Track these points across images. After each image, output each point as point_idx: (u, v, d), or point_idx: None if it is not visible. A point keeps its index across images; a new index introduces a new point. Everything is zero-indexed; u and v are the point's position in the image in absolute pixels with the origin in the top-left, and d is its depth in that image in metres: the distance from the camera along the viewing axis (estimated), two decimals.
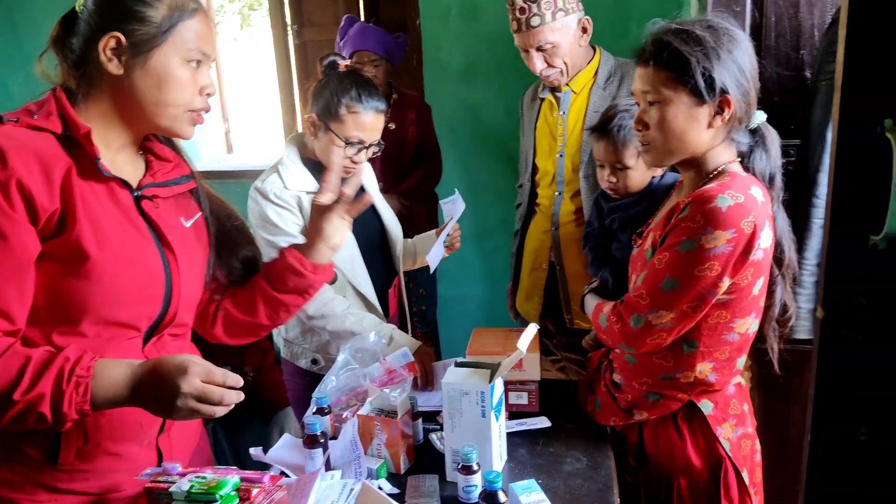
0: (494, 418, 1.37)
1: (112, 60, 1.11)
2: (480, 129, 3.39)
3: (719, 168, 1.34)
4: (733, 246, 1.25)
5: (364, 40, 2.83)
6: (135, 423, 1.20)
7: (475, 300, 3.60)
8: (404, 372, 1.62)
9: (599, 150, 1.64)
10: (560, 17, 1.94)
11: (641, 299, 1.33)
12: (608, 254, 1.68)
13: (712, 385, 1.39)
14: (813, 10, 1.85)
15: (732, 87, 1.27)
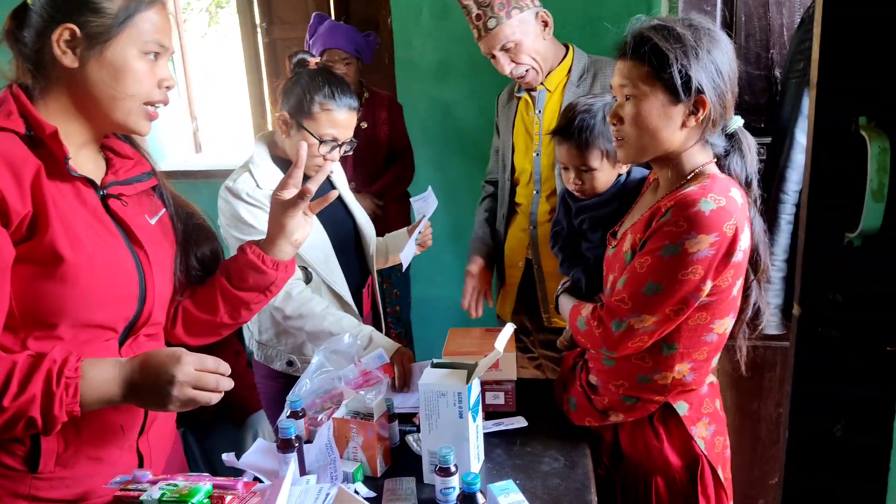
0: (472, 419, 1.36)
1: (66, 53, 1.08)
2: (453, 129, 3.38)
3: (696, 169, 1.34)
4: (716, 249, 1.25)
5: (334, 38, 2.80)
6: (115, 426, 1.18)
7: (449, 300, 3.58)
8: (379, 374, 1.60)
9: (562, 153, 1.62)
10: (515, 15, 1.95)
11: (623, 304, 1.33)
12: (578, 253, 1.67)
13: (689, 385, 1.40)
14: (782, 9, 1.87)
15: (709, 87, 1.27)
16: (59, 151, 1.08)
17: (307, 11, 3.57)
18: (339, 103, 1.74)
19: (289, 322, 1.78)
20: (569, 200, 1.68)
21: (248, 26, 3.67)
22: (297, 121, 1.76)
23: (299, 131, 1.76)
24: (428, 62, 3.31)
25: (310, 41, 2.87)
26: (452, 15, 3.22)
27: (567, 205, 1.69)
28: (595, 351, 1.46)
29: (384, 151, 2.99)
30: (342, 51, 2.80)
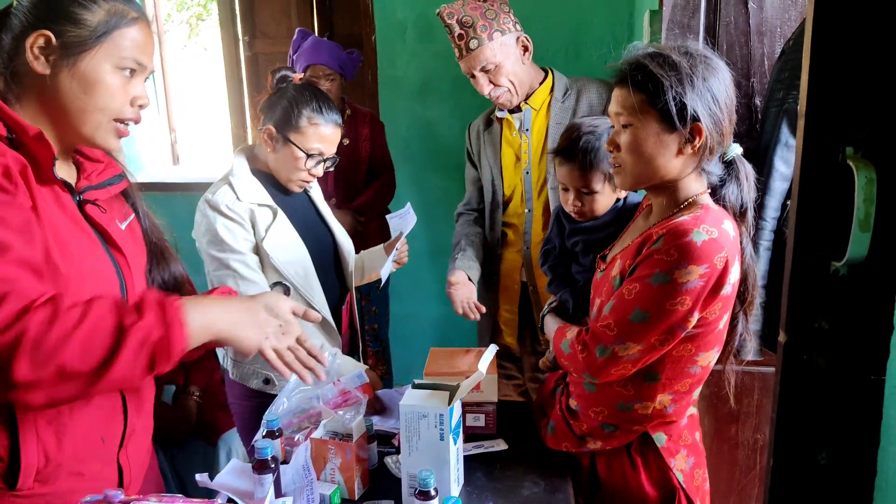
0: (453, 441, 1.34)
1: (39, 59, 1.07)
2: (435, 147, 3.39)
3: (690, 198, 1.33)
4: (705, 281, 1.24)
5: (319, 54, 2.80)
6: (96, 438, 1.15)
7: (428, 318, 3.57)
8: (359, 393, 1.58)
9: (563, 173, 1.60)
10: (497, 38, 1.98)
11: (608, 330, 1.31)
12: (568, 274, 1.66)
13: (669, 416, 1.39)
14: (763, 39, 1.91)
15: (705, 115, 1.26)
16: (46, 152, 1.06)
17: (290, 26, 3.57)
18: (326, 118, 1.74)
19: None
20: (563, 220, 1.66)
21: (230, 39, 3.65)
22: (283, 135, 1.75)
23: (286, 145, 1.75)
24: (411, 80, 3.31)
25: (293, 56, 2.86)
26: (436, 34, 3.23)
27: (561, 224, 1.67)
28: (577, 375, 1.45)
29: (365, 168, 2.99)
30: (326, 66, 2.79)
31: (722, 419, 1.97)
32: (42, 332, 0.92)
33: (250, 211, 1.75)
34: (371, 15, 3.26)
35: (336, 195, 2.90)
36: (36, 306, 0.93)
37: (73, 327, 0.94)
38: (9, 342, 0.90)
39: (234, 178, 1.78)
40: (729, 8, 1.92)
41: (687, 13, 1.94)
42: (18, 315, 0.92)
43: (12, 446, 1.07)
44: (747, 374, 1.90)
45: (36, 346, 0.91)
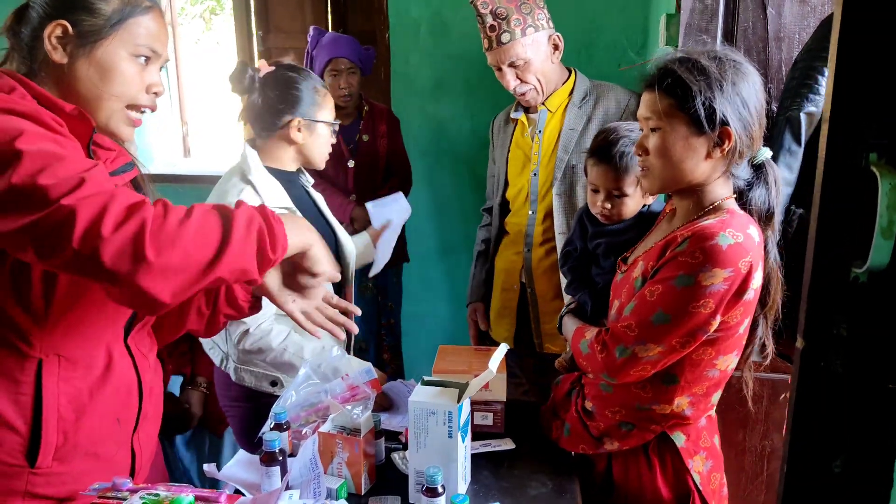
0: (461, 439, 1.34)
1: (56, 49, 1.10)
2: (446, 146, 3.39)
3: (716, 203, 1.33)
4: (728, 285, 1.24)
5: (339, 48, 2.79)
6: (112, 420, 1.18)
7: (437, 316, 3.57)
8: (367, 388, 1.58)
9: (597, 174, 1.60)
10: (530, 34, 1.95)
11: (629, 330, 1.31)
12: (588, 276, 1.65)
13: (687, 419, 1.38)
14: (781, 45, 1.90)
15: (734, 119, 1.26)
16: (83, 128, 1.08)
17: (304, 21, 3.57)
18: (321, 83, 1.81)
19: (250, 357, 1.76)
20: (586, 222, 1.66)
21: (243, 34, 3.65)
22: (311, 119, 1.77)
23: (315, 127, 1.79)
24: (423, 79, 3.32)
25: (312, 52, 2.85)
26: (450, 33, 3.24)
27: (583, 226, 1.67)
28: (595, 376, 1.44)
29: (383, 164, 2.99)
30: (348, 60, 2.79)
31: (730, 425, 1.96)
32: (160, 221, 0.95)
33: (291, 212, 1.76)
34: (385, 12, 3.27)
35: (356, 192, 2.90)
36: (146, 202, 0.96)
37: (185, 217, 0.97)
38: (135, 230, 0.92)
39: (254, 177, 1.75)
40: (747, 13, 1.91)
41: (705, 17, 1.94)
42: (132, 208, 0.94)
43: (34, 424, 1.09)
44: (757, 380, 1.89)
45: (158, 231, 0.94)
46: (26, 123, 0.97)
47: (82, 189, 0.92)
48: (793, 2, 1.93)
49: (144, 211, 0.94)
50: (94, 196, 0.92)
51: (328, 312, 1.32)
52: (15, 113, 0.98)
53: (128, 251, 0.92)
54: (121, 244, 0.91)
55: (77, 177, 0.93)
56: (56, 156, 0.95)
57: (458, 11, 3.19)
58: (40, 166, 0.93)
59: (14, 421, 1.08)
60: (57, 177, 0.93)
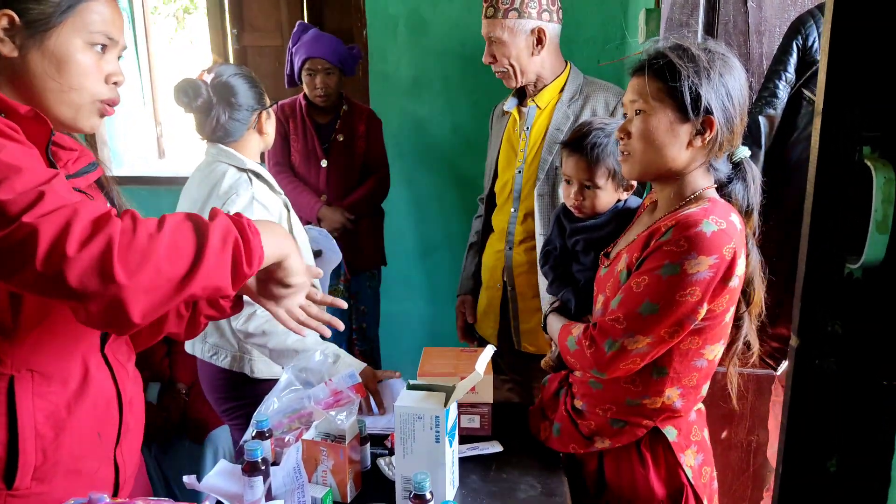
0: (448, 444, 1.31)
1: (5, 42, 1.03)
2: (426, 144, 3.36)
3: (697, 192, 1.34)
4: (714, 272, 1.24)
5: (318, 47, 2.75)
6: (93, 434, 1.13)
7: (417, 316, 3.55)
8: (351, 393, 1.54)
9: (570, 165, 1.60)
10: (511, 17, 1.92)
11: (617, 323, 1.30)
12: (569, 274, 1.64)
13: (678, 411, 1.38)
14: (762, 38, 1.90)
15: (717, 109, 1.27)
16: (40, 130, 1.03)
17: (279, 19, 3.52)
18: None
19: (251, 340, 1.73)
20: (563, 220, 1.66)
21: (218, 32, 3.59)
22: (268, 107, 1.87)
23: (270, 116, 1.88)
24: (402, 76, 3.28)
25: (292, 49, 2.81)
26: (429, 30, 3.20)
27: (561, 225, 1.66)
28: (584, 372, 1.43)
29: (359, 165, 2.94)
30: (325, 60, 2.74)
31: (715, 421, 1.96)
32: (128, 237, 0.90)
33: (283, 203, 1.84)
34: (362, 9, 3.23)
35: (328, 192, 2.86)
36: (112, 216, 0.91)
37: (156, 231, 0.92)
38: (101, 249, 0.88)
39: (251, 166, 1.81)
40: (728, 7, 1.91)
41: (686, 11, 1.93)
42: (98, 222, 0.89)
43: (10, 443, 1.04)
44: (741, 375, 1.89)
45: (126, 248, 0.89)
46: None
47: (43, 204, 0.88)
48: None
49: (111, 226, 0.89)
50: (56, 212, 0.88)
51: (312, 311, 1.28)
52: None
53: (95, 271, 0.87)
54: (87, 264, 0.87)
55: (36, 190, 0.89)
56: (12, 167, 0.89)
57: (436, 8, 3.16)
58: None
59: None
60: (15, 191, 0.88)
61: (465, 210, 3.35)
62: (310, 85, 2.79)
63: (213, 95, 1.78)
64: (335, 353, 1.71)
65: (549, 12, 1.96)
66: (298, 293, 1.24)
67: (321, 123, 2.89)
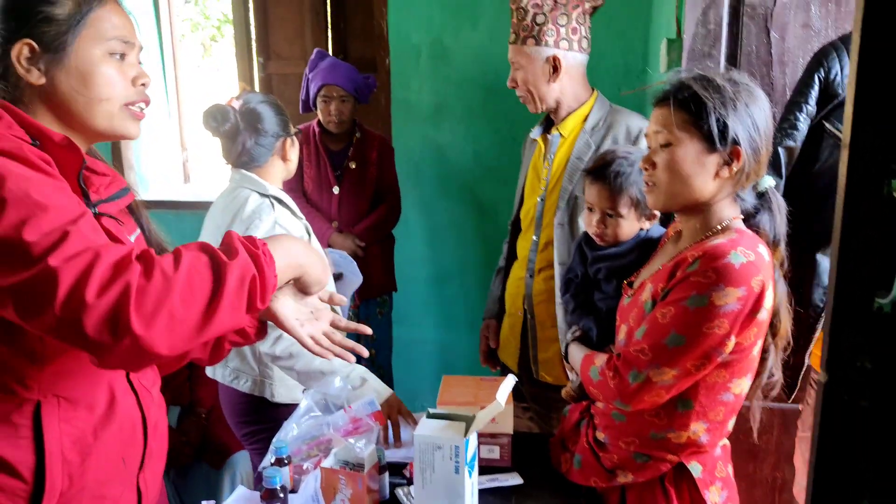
0: (468, 474, 1.30)
1: (31, 71, 1.05)
2: (446, 172, 3.37)
3: (724, 223, 1.32)
4: (742, 304, 1.23)
5: (335, 75, 2.79)
6: (118, 459, 1.13)
7: (433, 344, 3.54)
8: (370, 421, 1.54)
9: (592, 193, 1.60)
10: (530, 44, 1.94)
11: (642, 354, 1.28)
12: (590, 302, 1.63)
13: (703, 446, 1.35)
14: (785, 69, 1.89)
15: (744, 139, 1.27)
16: (72, 159, 1.05)
17: (304, 48, 3.58)
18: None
19: (278, 362, 1.73)
20: (585, 249, 1.65)
21: (244, 60, 3.66)
22: (293, 135, 1.90)
23: (294, 143, 1.90)
24: (424, 104, 3.31)
25: (309, 75, 2.86)
26: (451, 58, 3.24)
27: (583, 253, 1.65)
28: (607, 404, 1.41)
29: (371, 192, 2.97)
30: (341, 88, 2.79)
31: (740, 456, 1.92)
32: (143, 282, 0.90)
33: (304, 227, 1.87)
34: (386, 38, 3.27)
35: (339, 219, 2.88)
36: (132, 259, 0.92)
37: (173, 274, 0.92)
38: (117, 296, 0.88)
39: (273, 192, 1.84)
40: (751, 37, 1.91)
41: (708, 42, 1.93)
42: (117, 269, 0.90)
43: (38, 468, 1.04)
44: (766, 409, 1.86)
45: (143, 295, 0.89)
46: (10, 164, 0.94)
47: (66, 245, 0.89)
48: (796, 26, 1.92)
49: (130, 272, 0.90)
50: (79, 256, 0.89)
51: (335, 337, 1.28)
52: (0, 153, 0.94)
53: (111, 321, 0.88)
54: (104, 312, 0.87)
55: (61, 230, 0.90)
56: (39, 205, 0.91)
57: (458, 37, 3.20)
58: (24, 216, 0.89)
59: (17, 466, 1.03)
60: (40, 231, 0.89)
61: (484, 237, 3.36)
62: (324, 111, 2.83)
63: (240, 121, 1.82)
64: (362, 376, 1.70)
65: (569, 41, 1.95)
66: (322, 319, 1.24)
67: (334, 150, 2.93)
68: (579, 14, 1.94)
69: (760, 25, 1.94)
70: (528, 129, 2.18)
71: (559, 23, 1.93)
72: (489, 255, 3.38)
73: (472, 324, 3.47)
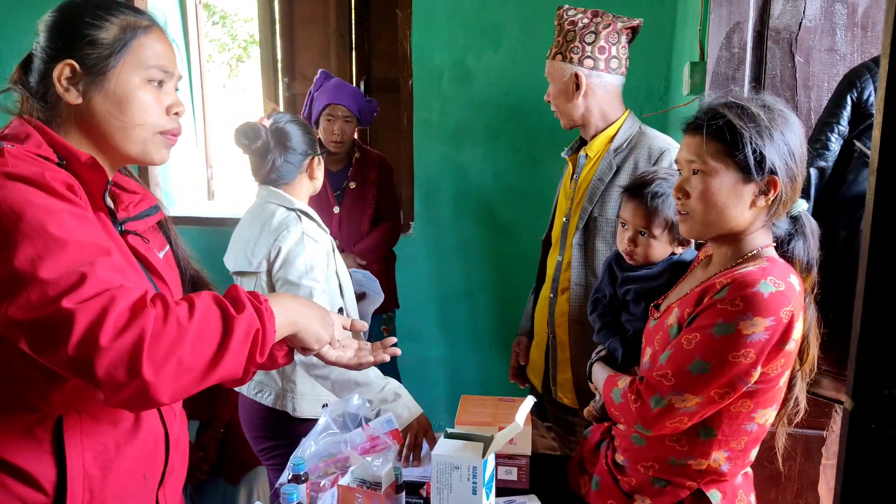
0: (486, 496, 1.29)
1: (69, 90, 1.07)
2: (466, 191, 3.39)
3: (755, 250, 1.30)
4: (770, 334, 1.20)
5: (340, 95, 2.83)
6: (139, 476, 1.13)
7: (447, 362, 3.53)
8: (388, 439, 1.54)
9: (628, 210, 1.58)
10: (557, 60, 1.95)
11: (665, 380, 1.27)
12: (617, 323, 1.61)
13: (724, 475, 1.32)
14: (809, 93, 1.88)
15: (781, 168, 1.25)
16: (97, 178, 1.06)
17: (329, 68, 3.63)
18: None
19: (314, 371, 1.75)
20: (615, 269, 1.63)
21: (270, 80, 3.73)
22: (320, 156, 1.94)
23: (320, 162, 1.94)
24: (446, 125, 3.34)
25: (314, 94, 2.90)
26: (473, 80, 3.27)
27: (613, 273, 1.64)
28: (628, 427, 1.39)
29: (371, 212, 2.98)
30: (345, 108, 2.82)
31: (762, 482, 1.89)
32: (159, 329, 0.91)
33: (330, 241, 1.91)
34: (409, 59, 3.31)
35: (340, 238, 2.88)
36: (147, 304, 0.92)
37: (187, 322, 0.93)
38: (133, 342, 0.89)
39: (300, 206, 1.88)
40: (775, 61, 1.91)
41: (732, 65, 1.93)
42: (133, 313, 0.90)
43: (59, 482, 1.04)
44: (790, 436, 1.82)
45: (155, 342, 0.90)
46: (31, 193, 0.94)
47: (83, 289, 0.89)
48: (821, 50, 1.92)
49: (145, 317, 0.90)
50: (95, 298, 0.89)
51: (365, 360, 1.30)
52: (21, 179, 0.95)
53: (123, 365, 0.88)
54: (117, 356, 0.88)
55: (78, 272, 0.90)
56: (59, 241, 0.91)
57: (480, 59, 3.23)
58: (41, 252, 0.90)
59: (39, 478, 1.03)
60: (57, 270, 0.89)
61: (501, 257, 3.37)
62: (327, 130, 2.85)
63: (270, 139, 1.85)
64: (395, 391, 1.71)
65: (594, 60, 1.92)
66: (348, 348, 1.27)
67: (333, 171, 2.95)
68: (610, 33, 1.91)
69: (785, 49, 1.93)
70: (548, 150, 2.19)
71: (586, 41, 1.92)
72: (506, 274, 3.38)
73: (484, 343, 3.48)
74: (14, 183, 0.94)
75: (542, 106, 2.44)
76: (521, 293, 2.38)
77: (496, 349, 3.45)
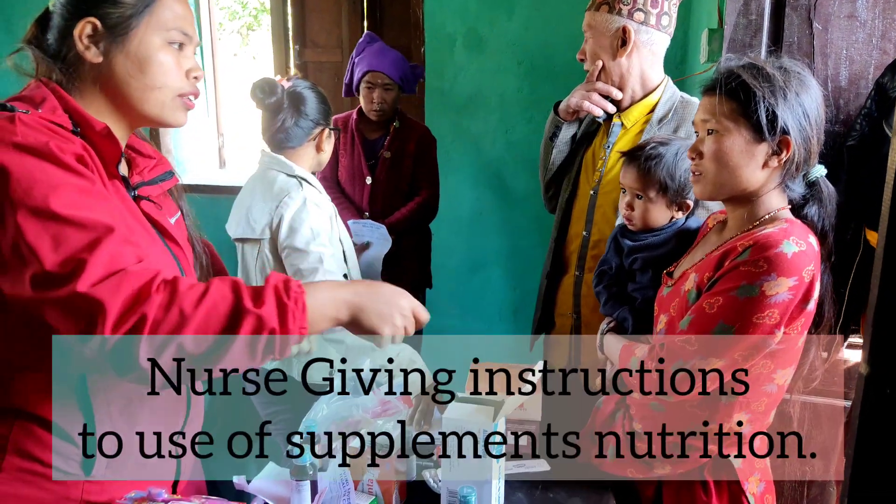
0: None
1: (90, 48, 1.07)
2: (479, 161, 3.37)
3: (771, 213, 1.30)
4: (793, 294, 1.20)
5: (380, 61, 2.70)
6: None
7: (465, 332, 3.55)
8: (399, 403, 1.55)
9: (624, 173, 1.58)
10: (602, 11, 1.74)
11: (688, 345, 1.26)
12: (624, 293, 1.61)
13: (744, 437, 1.33)
14: (827, 61, 1.85)
15: (794, 129, 1.24)
16: (111, 148, 1.06)
17: (340, 36, 3.61)
18: None
19: (328, 335, 1.73)
20: (620, 239, 1.62)
21: (280, 48, 3.70)
22: (333, 128, 1.92)
23: (330, 136, 1.92)
24: (458, 93, 3.31)
25: (355, 59, 2.77)
26: (485, 48, 3.23)
27: (618, 244, 1.63)
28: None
29: (406, 184, 2.85)
30: (386, 75, 2.69)
31: None
32: (161, 316, 0.91)
33: (332, 208, 1.89)
34: (421, 27, 3.28)
35: (370, 210, 2.78)
36: (154, 288, 0.92)
37: (192, 310, 0.93)
38: (132, 327, 0.90)
39: (300, 173, 1.86)
40: (793, 28, 1.87)
41: (749, 32, 1.90)
42: (137, 297, 0.91)
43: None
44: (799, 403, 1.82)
45: (155, 329, 0.91)
46: (38, 166, 0.94)
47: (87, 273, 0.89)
48: (840, 17, 1.88)
49: (147, 304, 0.90)
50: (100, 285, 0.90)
51: None
52: (29, 150, 0.94)
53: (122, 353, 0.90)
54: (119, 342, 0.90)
55: (79, 257, 0.90)
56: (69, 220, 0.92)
57: (494, 26, 3.19)
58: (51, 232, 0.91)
59: (68, 430, 1.06)
60: (64, 252, 0.90)
61: (514, 227, 3.36)
62: (367, 98, 2.74)
63: (285, 99, 1.84)
64: (410, 358, 1.62)
65: (645, 13, 1.71)
66: None
67: (370, 139, 2.83)
68: None
69: (803, 16, 1.90)
70: None
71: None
72: (518, 244, 3.38)
73: (500, 313, 3.49)
74: (22, 155, 0.94)
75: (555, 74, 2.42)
76: (534, 264, 2.37)
77: (506, 319, 3.46)
